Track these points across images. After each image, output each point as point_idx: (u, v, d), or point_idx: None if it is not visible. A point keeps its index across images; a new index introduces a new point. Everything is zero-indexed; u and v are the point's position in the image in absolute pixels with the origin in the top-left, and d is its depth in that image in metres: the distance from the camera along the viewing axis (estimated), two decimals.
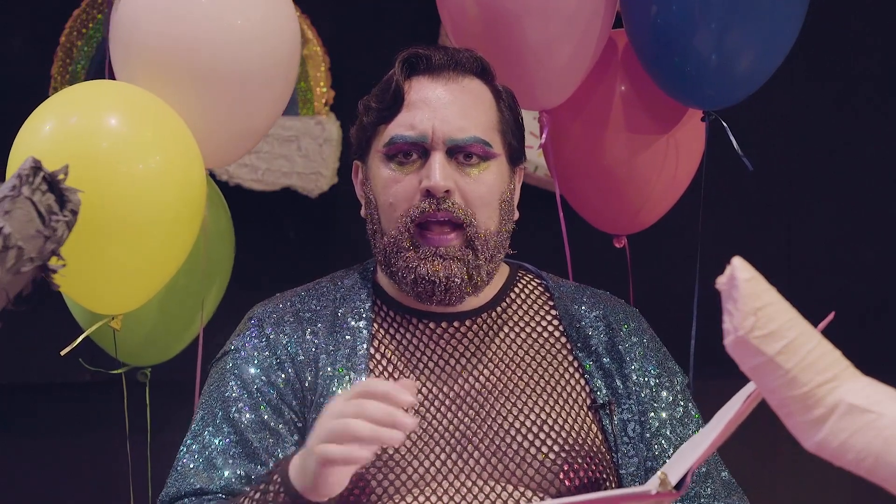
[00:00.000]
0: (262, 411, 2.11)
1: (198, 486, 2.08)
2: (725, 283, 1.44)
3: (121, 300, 2.43)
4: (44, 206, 1.58)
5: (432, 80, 2.16)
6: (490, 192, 2.14)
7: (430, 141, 2.12)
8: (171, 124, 2.39)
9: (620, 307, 2.27)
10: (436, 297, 2.13)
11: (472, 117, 2.15)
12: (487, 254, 2.14)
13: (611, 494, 1.72)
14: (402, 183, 2.13)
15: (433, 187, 2.11)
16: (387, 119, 2.15)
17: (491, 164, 2.15)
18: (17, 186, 1.56)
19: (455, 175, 2.13)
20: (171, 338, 2.70)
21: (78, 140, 2.29)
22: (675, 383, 2.22)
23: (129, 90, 2.41)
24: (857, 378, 1.44)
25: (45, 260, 1.60)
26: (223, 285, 2.73)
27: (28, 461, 3.61)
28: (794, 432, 1.45)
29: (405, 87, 2.15)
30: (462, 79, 2.17)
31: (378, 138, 2.17)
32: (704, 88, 2.52)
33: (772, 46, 2.51)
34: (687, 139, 2.69)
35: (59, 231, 1.60)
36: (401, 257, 2.13)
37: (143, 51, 2.42)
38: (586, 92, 2.63)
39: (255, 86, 2.44)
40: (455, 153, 2.13)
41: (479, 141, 2.14)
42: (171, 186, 2.36)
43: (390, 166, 2.14)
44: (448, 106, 2.14)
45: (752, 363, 1.44)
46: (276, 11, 2.46)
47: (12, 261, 1.55)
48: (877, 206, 3.78)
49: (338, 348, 2.15)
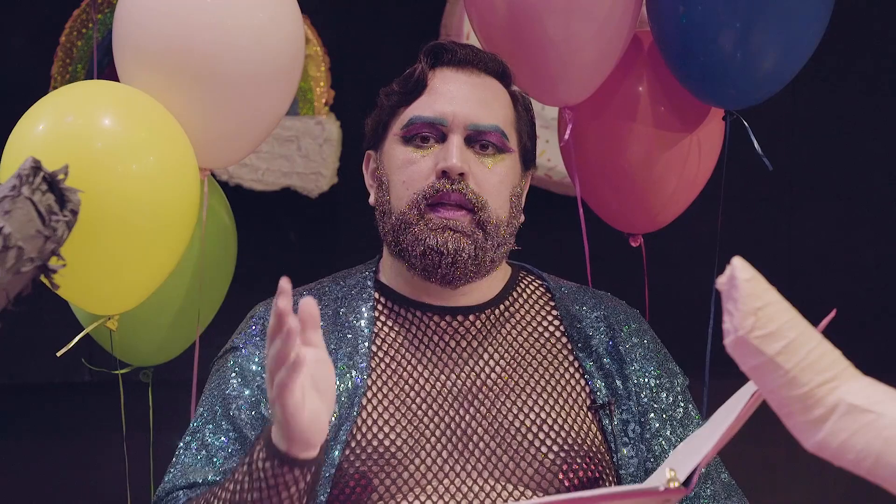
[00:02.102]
0: (262, 409, 2.12)
1: (193, 480, 2.08)
2: (725, 283, 1.44)
3: (116, 301, 2.43)
4: (44, 206, 1.58)
5: (455, 71, 2.20)
6: (502, 182, 2.16)
7: (449, 124, 2.15)
8: (166, 125, 2.40)
9: (621, 308, 2.28)
10: (441, 270, 2.13)
11: (493, 109, 2.18)
12: (496, 239, 2.15)
13: (618, 490, 1.72)
14: (419, 164, 2.15)
15: (450, 168, 2.12)
16: (407, 102, 2.18)
17: (506, 158, 2.17)
18: (17, 186, 1.56)
19: (471, 160, 2.15)
20: (172, 338, 2.70)
21: (72, 140, 2.29)
22: (676, 384, 2.23)
23: (123, 90, 2.42)
24: (857, 378, 1.44)
25: (45, 260, 1.60)
26: (225, 286, 2.73)
27: (27, 461, 3.61)
28: (794, 432, 1.45)
29: (429, 75, 2.18)
30: (483, 75, 2.21)
31: (396, 120, 2.19)
32: (728, 88, 2.53)
33: (796, 46, 2.51)
34: (707, 138, 2.69)
35: (59, 231, 1.60)
36: (409, 231, 2.13)
37: (147, 53, 2.42)
38: (609, 90, 2.63)
39: (258, 88, 2.44)
40: (473, 141, 2.16)
41: (499, 130, 2.17)
42: (166, 187, 2.36)
43: (408, 148, 2.16)
44: (470, 96, 2.18)
45: (752, 363, 1.44)
46: (280, 13, 2.47)
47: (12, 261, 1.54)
48: (877, 206, 3.78)
49: (339, 346, 2.15)
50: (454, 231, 2.12)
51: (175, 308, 2.65)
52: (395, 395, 2.12)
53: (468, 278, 2.15)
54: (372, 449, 2.08)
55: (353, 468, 2.07)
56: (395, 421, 2.10)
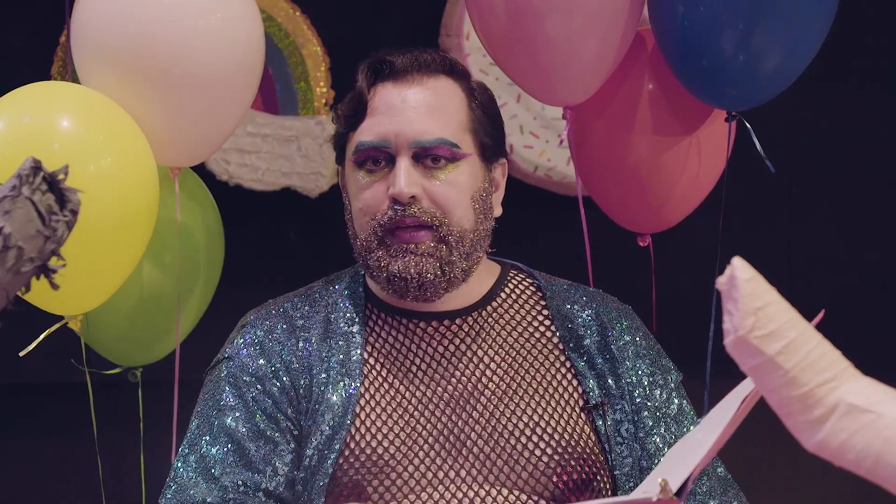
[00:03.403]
0: (258, 419, 2.11)
1: (198, 499, 2.07)
2: (725, 283, 1.44)
3: (78, 301, 2.44)
4: (44, 206, 1.58)
5: (396, 84, 2.15)
6: (459, 193, 2.13)
7: (393, 146, 2.12)
8: (124, 125, 2.41)
9: (613, 306, 2.26)
10: (410, 294, 2.13)
11: (438, 118, 2.14)
12: (462, 250, 2.13)
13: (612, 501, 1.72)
14: (371, 189, 2.13)
15: (398, 194, 2.10)
16: (354, 126, 2.15)
17: (460, 165, 2.14)
18: (16, 186, 1.56)
19: (422, 179, 2.12)
20: (157, 338, 2.70)
21: (30, 140, 2.30)
22: (669, 380, 2.22)
23: (81, 91, 2.43)
24: (857, 378, 1.44)
25: (45, 260, 1.60)
26: (211, 285, 2.73)
27: (27, 461, 3.61)
28: (794, 432, 1.45)
29: (369, 94, 2.15)
30: (428, 80, 2.16)
31: (349, 144, 2.17)
32: (729, 89, 2.52)
33: (799, 47, 2.50)
34: (714, 137, 2.68)
35: (59, 231, 1.60)
36: (372, 257, 2.13)
37: (105, 53, 2.44)
38: (612, 89, 2.62)
39: (217, 87, 2.46)
40: (421, 157, 2.12)
41: (445, 142, 2.13)
42: (124, 187, 2.37)
43: (360, 173, 2.15)
44: (411, 109, 2.13)
45: (752, 363, 1.44)
46: (238, 14, 2.47)
47: (12, 261, 1.54)
48: (877, 206, 3.78)
49: (331, 354, 2.14)
50: (415, 255, 2.11)
51: (160, 308, 2.65)
52: (388, 402, 2.12)
53: (440, 294, 2.15)
54: (366, 457, 2.08)
55: (347, 476, 2.07)
56: (388, 428, 2.10)
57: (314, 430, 2.10)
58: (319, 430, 2.09)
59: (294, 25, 3.60)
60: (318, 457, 2.08)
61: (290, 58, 3.61)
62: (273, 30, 3.56)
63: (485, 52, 2.70)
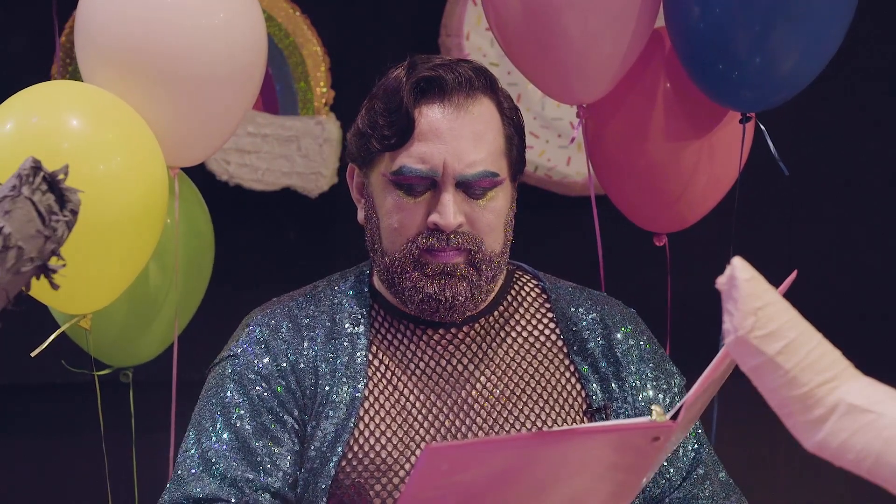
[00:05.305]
0: (263, 417, 2.10)
1: (198, 493, 2.07)
2: (725, 283, 1.44)
3: (87, 300, 2.44)
4: (44, 206, 1.58)
5: (443, 106, 2.10)
6: (497, 217, 2.13)
7: (441, 176, 2.09)
8: (133, 125, 2.41)
9: (617, 309, 2.26)
10: (439, 314, 2.13)
11: (481, 149, 2.10)
12: (490, 274, 2.13)
13: (610, 424, 1.73)
14: (410, 211, 2.10)
15: (445, 226, 2.09)
16: (395, 147, 2.10)
17: (498, 191, 2.13)
18: (17, 186, 1.56)
19: (464, 206, 2.10)
20: (151, 338, 2.70)
21: (39, 140, 2.30)
22: (673, 385, 2.22)
23: (90, 91, 2.43)
24: (857, 378, 1.44)
25: (45, 260, 1.59)
26: (203, 285, 2.73)
27: (27, 461, 3.61)
28: (794, 432, 1.45)
29: (416, 115, 2.10)
30: (472, 105, 2.11)
31: (384, 161, 2.12)
32: (744, 91, 2.51)
33: (816, 49, 2.49)
34: (730, 138, 2.68)
35: (59, 231, 1.60)
36: (406, 278, 2.11)
37: (108, 53, 2.44)
38: (627, 87, 2.62)
39: (221, 85, 2.46)
40: (464, 186, 2.10)
41: (488, 175, 2.10)
42: (134, 187, 2.37)
43: (397, 192, 2.11)
44: (460, 139, 2.09)
45: (752, 363, 1.44)
46: (241, 12, 2.48)
47: (12, 261, 1.54)
48: (877, 206, 3.78)
49: (336, 356, 2.14)
50: (451, 276, 2.10)
51: (153, 308, 2.65)
52: (392, 406, 2.12)
53: (465, 315, 2.15)
54: (369, 460, 2.07)
55: (350, 479, 2.07)
56: (392, 432, 2.09)
57: (317, 430, 2.10)
58: (323, 431, 2.09)
59: (294, 25, 3.60)
60: (321, 458, 2.08)
61: (290, 58, 3.61)
62: (273, 30, 3.56)
63: (485, 53, 2.71)
